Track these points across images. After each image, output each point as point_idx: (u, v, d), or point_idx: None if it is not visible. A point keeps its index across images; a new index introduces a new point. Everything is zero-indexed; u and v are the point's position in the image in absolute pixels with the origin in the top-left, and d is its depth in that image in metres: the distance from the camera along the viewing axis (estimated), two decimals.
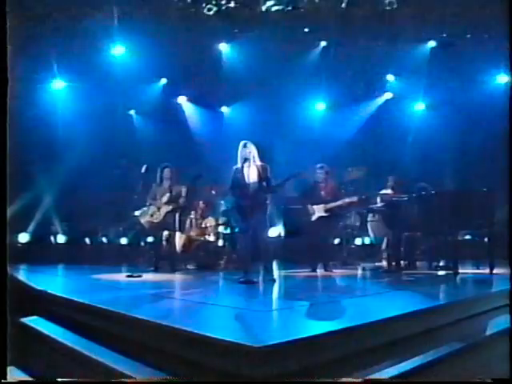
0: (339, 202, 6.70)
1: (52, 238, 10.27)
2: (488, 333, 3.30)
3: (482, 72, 10.18)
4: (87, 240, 10.58)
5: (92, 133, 9.85)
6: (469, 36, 10.00)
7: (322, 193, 6.82)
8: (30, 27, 8.37)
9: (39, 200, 9.76)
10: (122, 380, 2.42)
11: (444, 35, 10.40)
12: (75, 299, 3.68)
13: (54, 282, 6.08)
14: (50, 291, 4.15)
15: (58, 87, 10.37)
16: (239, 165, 5.40)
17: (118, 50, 10.33)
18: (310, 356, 2.21)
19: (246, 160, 5.35)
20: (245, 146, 5.39)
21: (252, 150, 5.37)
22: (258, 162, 5.38)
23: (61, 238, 10.31)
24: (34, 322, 3.72)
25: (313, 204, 6.79)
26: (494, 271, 5.66)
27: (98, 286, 5.34)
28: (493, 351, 3.08)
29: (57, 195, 9.88)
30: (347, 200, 6.71)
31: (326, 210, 6.70)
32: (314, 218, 6.75)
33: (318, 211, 6.73)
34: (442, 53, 10.51)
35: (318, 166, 6.98)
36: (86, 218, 10.25)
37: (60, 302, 3.88)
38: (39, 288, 4.24)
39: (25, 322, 3.73)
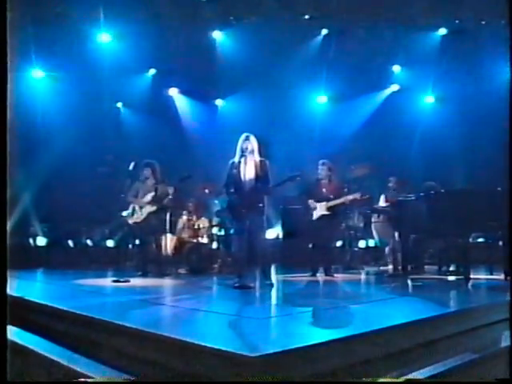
0: (342, 199, 6.72)
1: (31, 241, 10.20)
2: (502, 344, 3.29)
3: (498, 62, 10.04)
4: (70, 242, 10.52)
5: (76, 127, 9.80)
6: (483, 23, 9.98)
7: (324, 190, 6.85)
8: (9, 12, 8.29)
9: (16, 198, 9.58)
10: (122, 380, 2.44)
11: (456, 22, 10.38)
12: (56, 306, 3.65)
13: (33, 287, 6.04)
14: (27, 298, 4.12)
15: (37, 76, 10.30)
16: (236, 159, 5.34)
17: (104, 38, 10.30)
18: (308, 366, 2.20)
19: (244, 154, 5.30)
20: (246, 138, 5.33)
21: (253, 144, 5.33)
22: (257, 158, 5.33)
23: (41, 241, 10.24)
24: (8, 332, 3.68)
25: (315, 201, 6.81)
26: (509, 277, 5.65)
27: (82, 291, 5.29)
28: (505, 363, 3.07)
29: (36, 193, 9.77)
30: (350, 197, 6.74)
31: (328, 208, 6.72)
32: (315, 216, 6.75)
33: (320, 209, 6.75)
34: (453, 41, 10.49)
35: (321, 162, 7.01)
36: (68, 218, 10.18)
37: (39, 309, 3.84)
38: (15, 294, 4.18)
39: None
